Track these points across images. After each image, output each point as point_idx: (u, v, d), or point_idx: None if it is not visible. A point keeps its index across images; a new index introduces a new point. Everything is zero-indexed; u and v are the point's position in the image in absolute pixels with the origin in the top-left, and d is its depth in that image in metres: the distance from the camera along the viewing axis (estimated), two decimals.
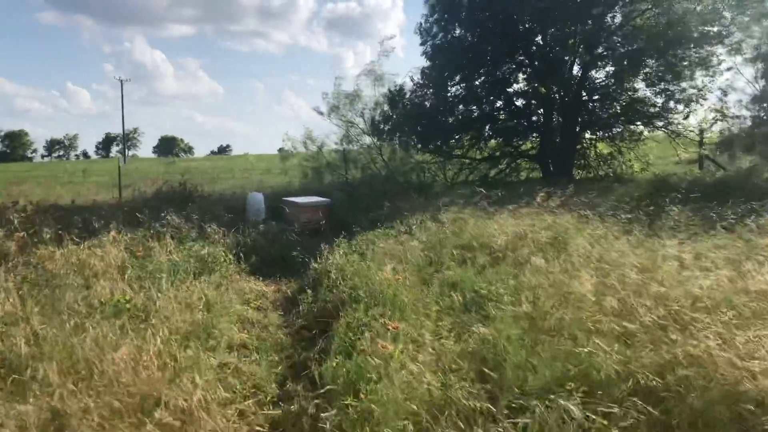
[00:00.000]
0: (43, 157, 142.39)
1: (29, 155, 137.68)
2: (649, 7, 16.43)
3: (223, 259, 7.55)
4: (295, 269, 8.78)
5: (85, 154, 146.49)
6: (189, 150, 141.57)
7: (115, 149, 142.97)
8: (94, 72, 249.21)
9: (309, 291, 6.90)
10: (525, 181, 18.63)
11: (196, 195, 13.18)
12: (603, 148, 19.35)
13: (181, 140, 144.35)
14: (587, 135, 19.36)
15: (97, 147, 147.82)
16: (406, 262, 7.22)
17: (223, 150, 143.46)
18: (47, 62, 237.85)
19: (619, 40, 17.24)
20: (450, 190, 14.86)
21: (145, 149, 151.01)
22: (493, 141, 19.78)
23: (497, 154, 19.63)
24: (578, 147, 18.93)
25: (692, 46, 16.52)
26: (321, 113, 18.81)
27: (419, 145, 18.61)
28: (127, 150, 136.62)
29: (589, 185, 15.63)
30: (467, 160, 19.55)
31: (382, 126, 18.76)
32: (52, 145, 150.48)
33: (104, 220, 9.56)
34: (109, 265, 6.90)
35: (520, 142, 19.68)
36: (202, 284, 6.40)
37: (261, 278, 8.31)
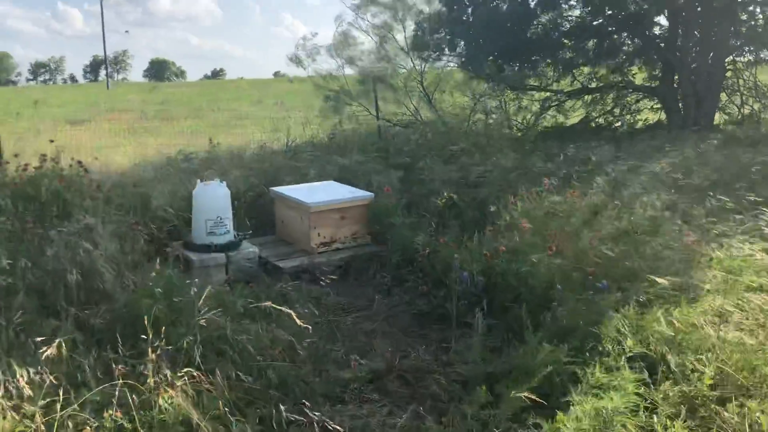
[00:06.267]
0: (27, 80, 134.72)
1: (13, 79, 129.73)
2: None
3: None
4: None
5: (73, 78, 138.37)
6: (181, 74, 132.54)
7: (104, 73, 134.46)
8: None
9: None
10: (648, 129, 12.10)
11: (85, 194, 5.28)
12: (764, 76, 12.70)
13: (173, 64, 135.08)
14: (733, 58, 12.61)
15: (84, 71, 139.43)
16: None
17: (216, 74, 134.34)
18: None
19: None
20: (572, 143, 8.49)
21: (135, 73, 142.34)
22: (587, 67, 13.01)
23: (595, 86, 12.97)
24: (727, 76, 12.30)
25: None
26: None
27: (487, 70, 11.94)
28: (116, 73, 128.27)
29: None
30: (551, 94, 12.94)
31: (429, 38, 12.07)
32: (37, 69, 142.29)
33: None
34: None
35: (633, 69, 12.99)
36: None
37: None
